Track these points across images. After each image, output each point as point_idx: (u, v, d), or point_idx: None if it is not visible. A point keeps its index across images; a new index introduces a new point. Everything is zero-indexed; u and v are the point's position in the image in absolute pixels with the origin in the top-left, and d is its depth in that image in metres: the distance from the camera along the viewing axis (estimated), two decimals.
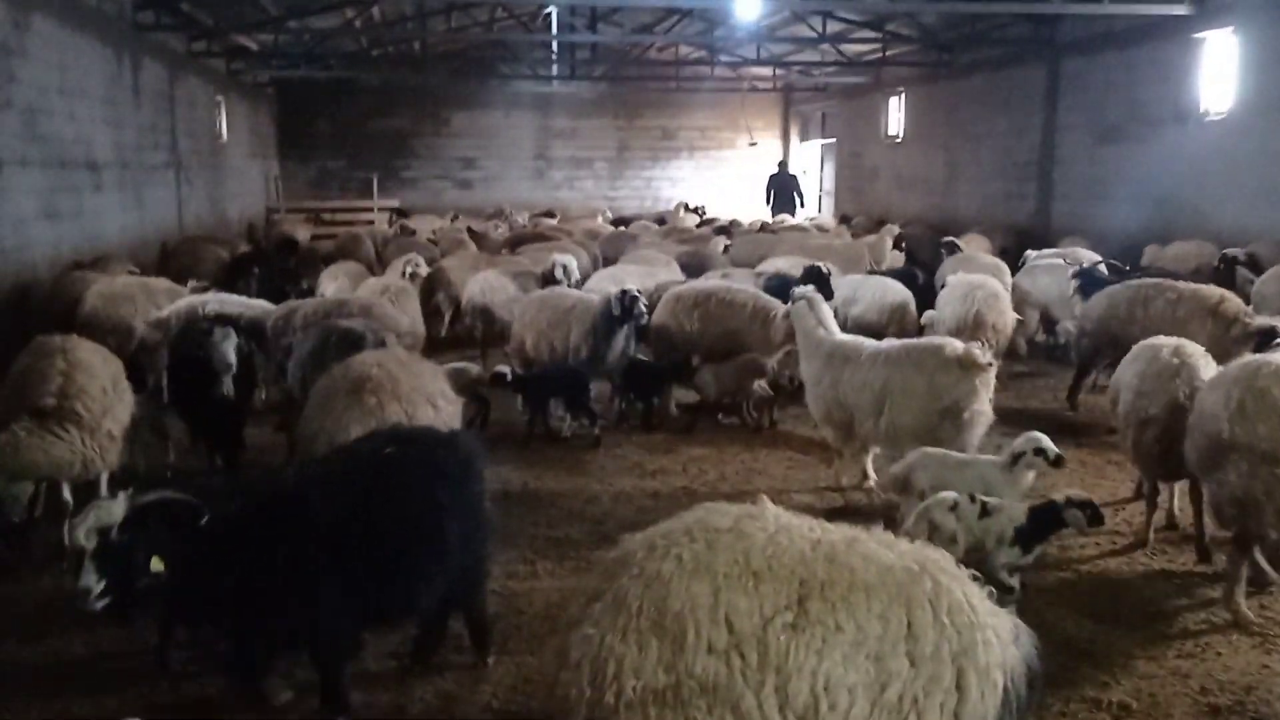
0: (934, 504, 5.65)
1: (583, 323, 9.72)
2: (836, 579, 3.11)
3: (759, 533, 3.26)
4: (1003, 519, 5.53)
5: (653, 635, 3.02)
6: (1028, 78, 20.07)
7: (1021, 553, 5.51)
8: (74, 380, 6.45)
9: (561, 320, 9.92)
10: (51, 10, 13.43)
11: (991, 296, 10.75)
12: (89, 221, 14.55)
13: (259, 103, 28.93)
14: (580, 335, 9.71)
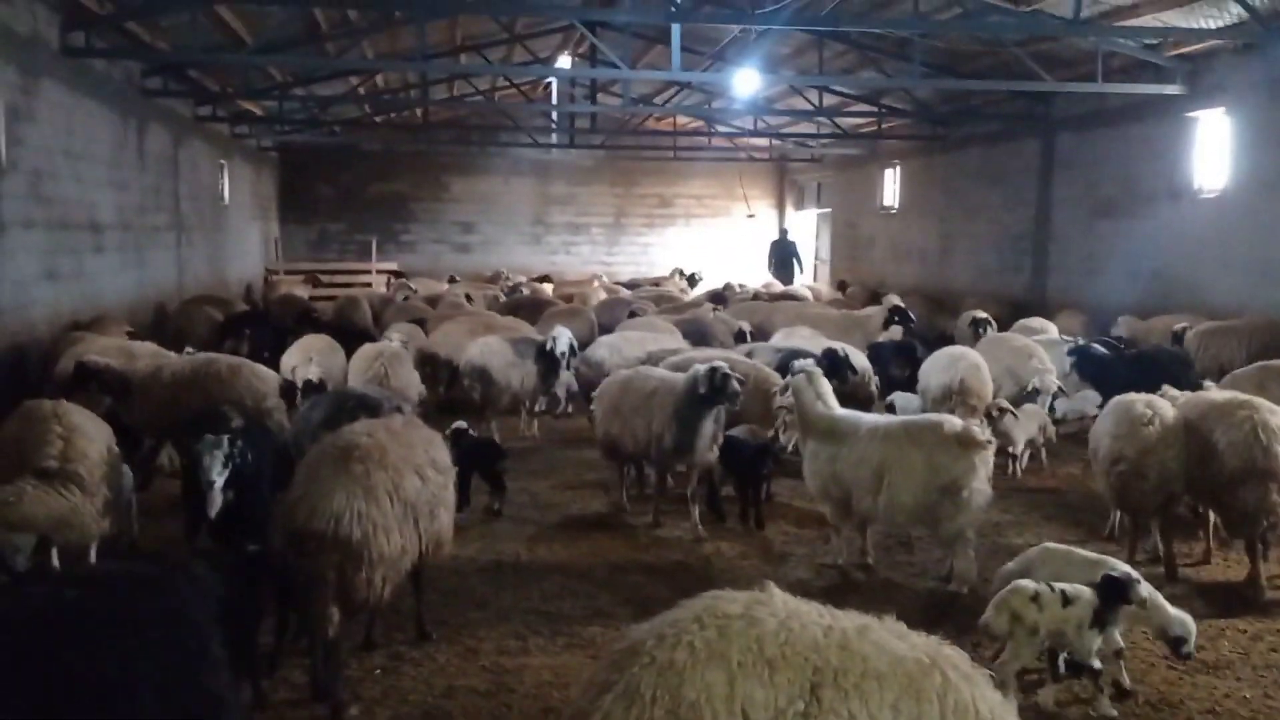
0: (1015, 593, 5.56)
1: (665, 407, 8.65)
2: (849, 667, 3.08)
3: (770, 619, 3.22)
4: (1083, 606, 5.46)
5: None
6: (1022, 152, 20.35)
7: (1099, 633, 5.48)
8: (74, 444, 6.53)
9: (643, 405, 8.86)
10: (60, 76, 13.61)
11: (973, 366, 11.26)
12: (89, 282, 14.60)
13: (262, 166, 29.22)
14: (663, 422, 8.62)
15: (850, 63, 20.47)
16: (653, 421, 8.70)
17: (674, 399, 8.64)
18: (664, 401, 8.70)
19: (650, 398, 8.85)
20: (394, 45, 21.02)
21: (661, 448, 8.67)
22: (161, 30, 16.11)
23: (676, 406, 8.58)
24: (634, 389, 9.11)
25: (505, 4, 17.96)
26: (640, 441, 8.85)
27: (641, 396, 8.93)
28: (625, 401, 9.05)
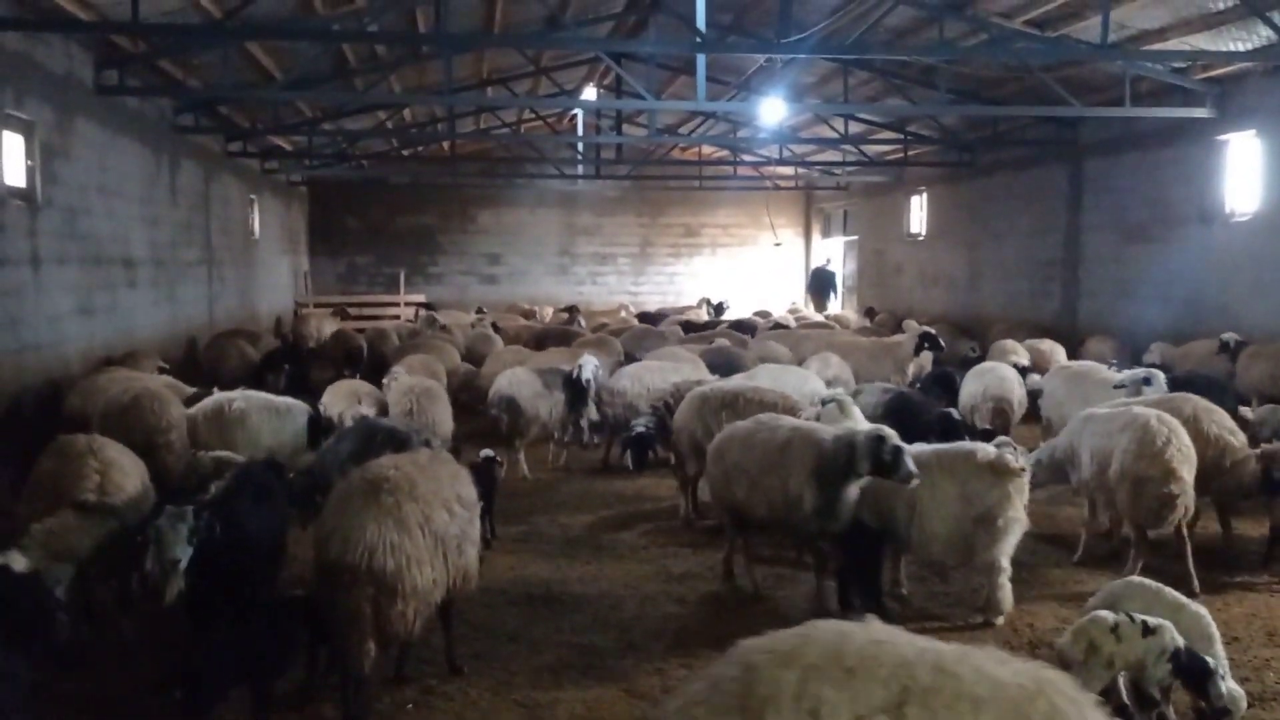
0: (1094, 623, 5.44)
1: (804, 465, 7.32)
2: (942, 687, 2.88)
3: (859, 633, 3.13)
4: (1166, 637, 5.34)
5: (736, 714, 2.95)
6: (1051, 177, 20.25)
7: (1170, 675, 5.35)
8: (111, 478, 6.61)
9: (776, 462, 7.49)
10: (95, 114, 13.83)
11: (999, 379, 12.39)
12: (122, 317, 14.77)
13: (291, 200, 29.55)
14: (800, 482, 7.29)
15: (875, 90, 20.49)
16: (788, 480, 7.36)
17: (813, 456, 7.33)
18: (802, 456, 7.36)
19: (784, 451, 7.49)
20: (421, 79, 21.25)
21: (799, 511, 7.32)
22: (193, 68, 16.36)
23: (822, 465, 7.27)
24: (760, 442, 7.71)
25: (531, 38, 18.17)
26: (774, 504, 7.50)
27: (772, 451, 7.57)
28: (752, 458, 7.67)
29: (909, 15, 15.54)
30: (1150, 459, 7.84)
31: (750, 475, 7.65)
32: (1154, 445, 7.84)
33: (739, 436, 7.95)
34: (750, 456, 7.68)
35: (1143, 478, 7.85)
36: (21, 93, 11.64)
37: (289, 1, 14.03)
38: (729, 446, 7.97)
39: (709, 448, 8.30)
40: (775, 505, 7.48)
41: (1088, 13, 13.88)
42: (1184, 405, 8.76)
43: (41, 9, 11.53)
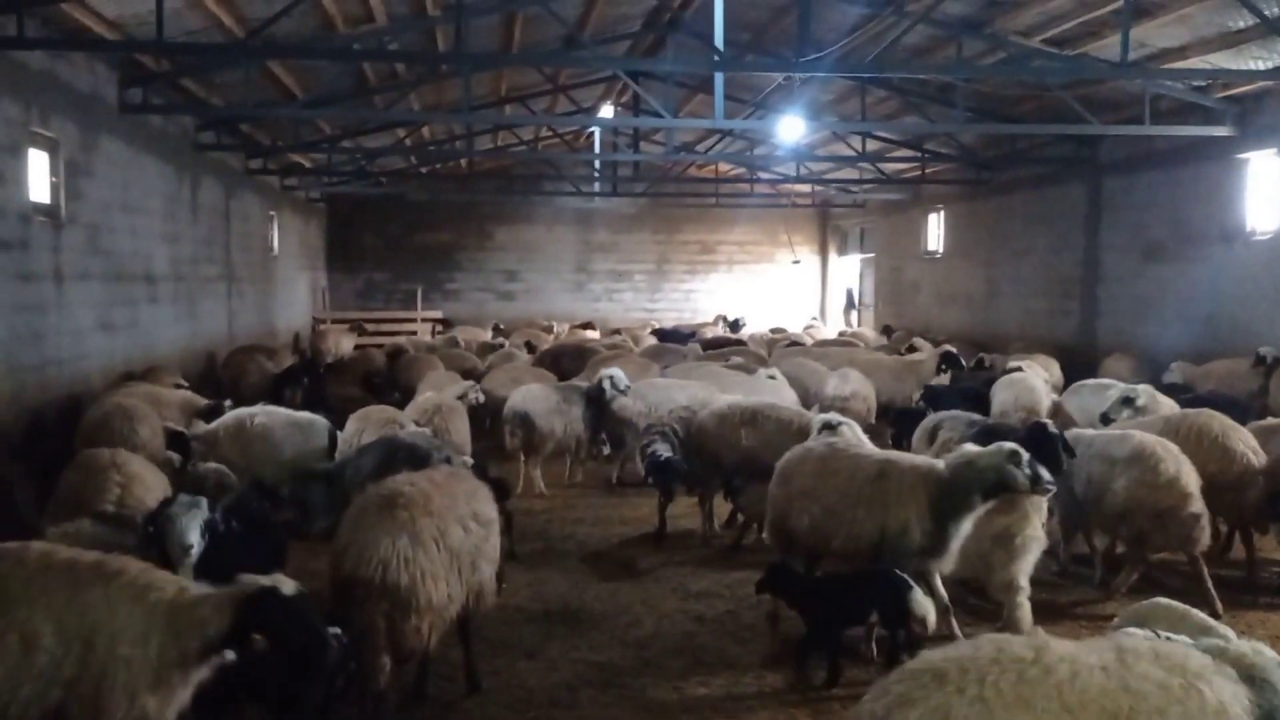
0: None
1: (915, 496, 6.80)
2: (1138, 707, 3.40)
3: (1062, 665, 3.50)
4: None
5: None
6: (1069, 195, 20.19)
7: None
8: (132, 491, 6.68)
9: (868, 495, 6.96)
10: (119, 132, 13.97)
11: (1029, 389, 12.73)
12: (143, 333, 14.87)
13: (310, 217, 29.73)
14: (915, 514, 6.78)
15: (893, 108, 20.50)
16: (888, 514, 6.86)
17: (933, 485, 6.82)
18: (913, 487, 6.86)
19: (880, 482, 6.97)
20: (440, 97, 21.38)
21: (904, 547, 6.81)
22: (215, 86, 16.52)
23: (940, 496, 6.78)
24: (843, 470, 7.19)
25: (550, 56, 18.28)
26: (857, 537, 6.99)
27: (863, 481, 7.03)
28: (829, 485, 7.17)
29: (927, 34, 15.56)
30: (1166, 489, 7.81)
31: (825, 505, 7.13)
32: (1166, 475, 7.85)
33: (810, 463, 7.42)
34: (828, 485, 7.16)
35: (1163, 510, 7.82)
36: (47, 111, 11.77)
37: (310, 21, 14.15)
38: (796, 471, 7.46)
39: (776, 469, 7.72)
40: (861, 538, 6.94)
41: (1107, 31, 13.87)
42: (1211, 421, 8.72)
43: (68, 29, 11.66)
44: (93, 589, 4.52)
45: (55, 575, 4.58)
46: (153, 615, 4.47)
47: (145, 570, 4.74)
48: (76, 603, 4.48)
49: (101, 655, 4.40)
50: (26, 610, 4.46)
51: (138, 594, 4.53)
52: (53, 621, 4.43)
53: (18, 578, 4.58)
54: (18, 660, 4.38)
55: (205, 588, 4.67)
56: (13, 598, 4.51)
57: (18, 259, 10.98)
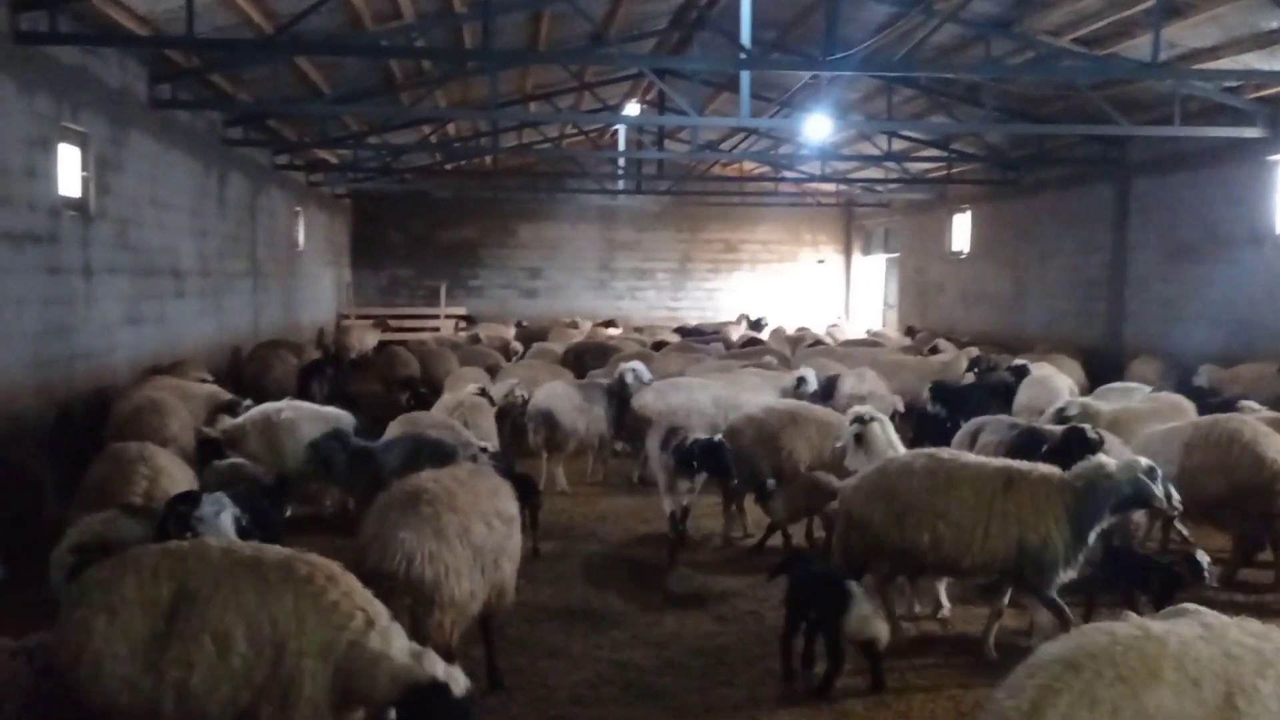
0: None
1: (1052, 507, 6.57)
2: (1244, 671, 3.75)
3: (1169, 638, 3.87)
4: None
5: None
6: (1097, 196, 20.03)
7: None
8: (159, 484, 6.72)
9: (996, 507, 6.64)
10: (148, 127, 14.08)
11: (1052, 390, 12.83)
12: (170, 327, 14.99)
13: (335, 213, 29.88)
14: (1048, 527, 6.56)
15: (920, 108, 20.39)
16: (1026, 527, 6.56)
17: (1069, 496, 6.57)
18: (1049, 498, 6.58)
19: (1011, 494, 6.64)
20: (466, 94, 21.43)
21: (1047, 561, 6.55)
22: (243, 82, 16.61)
23: (1075, 506, 6.54)
24: (964, 481, 6.77)
25: (576, 54, 18.26)
26: (991, 553, 6.65)
27: (991, 493, 6.67)
28: (951, 499, 6.73)
29: (955, 33, 15.46)
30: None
31: (950, 520, 6.69)
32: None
33: (918, 475, 6.91)
34: (950, 499, 6.73)
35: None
36: (78, 106, 11.88)
37: (338, 17, 14.21)
38: (901, 486, 6.91)
39: (856, 487, 7.24)
40: (996, 554, 6.63)
41: (1137, 31, 13.74)
42: (1242, 427, 8.62)
43: (99, 24, 11.76)
44: (283, 595, 4.49)
45: (243, 575, 4.56)
46: (335, 643, 4.41)
47: (332, 581, 4.62)
48: (267, 607, 4.46)
49: (290, 665, 4.39)
50: (219, 611, 4.45)
51: (325, 613, 4.47)
52: (244, 623, 4.43)
53: (206, 577, 4.56)
54: (214, 660, 4.40)
55: (390, 639, 4.48)
56: (205, 597, 4.49)
57: (48, 253, 11.09)
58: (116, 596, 4.55)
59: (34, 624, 5.09)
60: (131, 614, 4.51)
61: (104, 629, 4.49)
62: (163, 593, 4.55)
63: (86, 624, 4.53)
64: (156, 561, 4.67)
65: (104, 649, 4.47)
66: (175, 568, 4.63)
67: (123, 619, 4.50)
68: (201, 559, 4.68)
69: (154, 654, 4.45)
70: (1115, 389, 13.22)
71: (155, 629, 4.49)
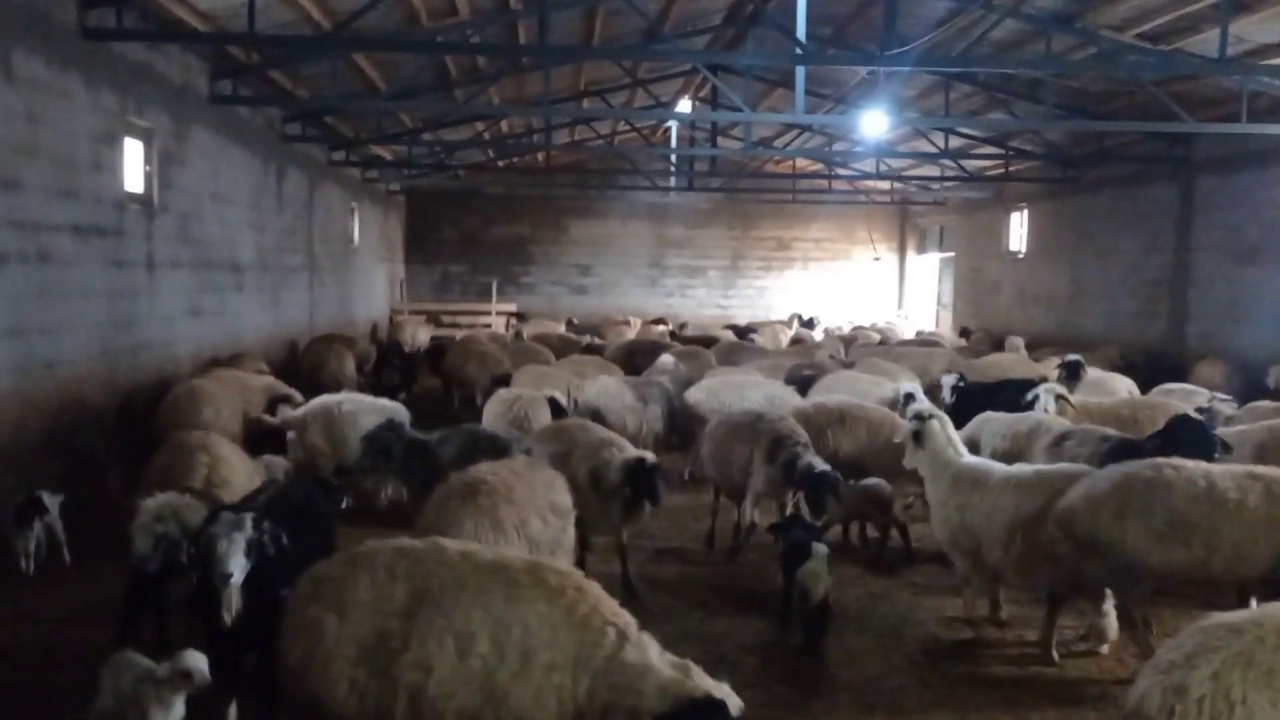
0: None
1: None
2: None
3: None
4: None
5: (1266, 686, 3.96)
6: (1160, 195, 19.64)
7: None
8: (219, 471, 6.85)
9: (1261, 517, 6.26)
10: (209, 123, 14.32)
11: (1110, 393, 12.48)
12: (229, 320, 15.24)
13: (389, 209, 30.18)
14: None
15: (977, 104, 20.13)
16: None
17: None
18: None
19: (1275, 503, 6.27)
20: (520, 91, 21.53)
21: None
22: (302, 79, 16.82)
23: None
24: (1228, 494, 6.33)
25: (630, 50, 18.27)
26: (1257, 565, 6.30)
27: (1256, 504, 6.27)
28: (1220, 515, 6.30)
29: (1015, 28, 15.23)
30: None
31: (1222, 537, 6.26)
32: None
33: (1175, 490, 6.43)
34: (1217, 515, 6.29)
35: None
36: (143, 101, 12.10)
37: (395, 14, 14.33)
38: (1155, 502, 6.41)
39: (1091, 508, 6.65)
40: (1258, 566, 6.27)
41: (1204, 26, 13.43)
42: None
43: (163, 21, 11.97)
44: (533, 602, 4.32)
45: (488, 577, 4.41)
46: (589, 659, 4.22)
47: (581, 593, 4.43)
48: (516, 613, 4.29)
49: (538, 676, 4.20)
50: (463, 613, 4.30)
51: (578, 626, 4.29)
52: (489, 627, 4.27)
53: (449, 578, 4.42)
54: (454, 663, 4.23)
55: (646, 649, 4.31)
56: (447, 598, 4.34)
57: (113, 246, 11.31)
58: (349, 595, 4.41)
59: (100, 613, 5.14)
60: (364, 614, 4.36)
61: (335, 629, 4.35)
62: (398, 593, 4.40)
63: (319, 623, 4.39)
64: (391, 560, 4.53)
65: (335, 650, 4.32)
66: (412, 568, 4.48)
67: (355, 619, 4.35)
68: (440, 559, 4.53)
69: (386, 657, 4.29)
70: (1176, 391, 12.94)
71: (388, 630, 4.33)
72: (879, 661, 6.96)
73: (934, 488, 7.75)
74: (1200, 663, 4.03)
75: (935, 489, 7.73)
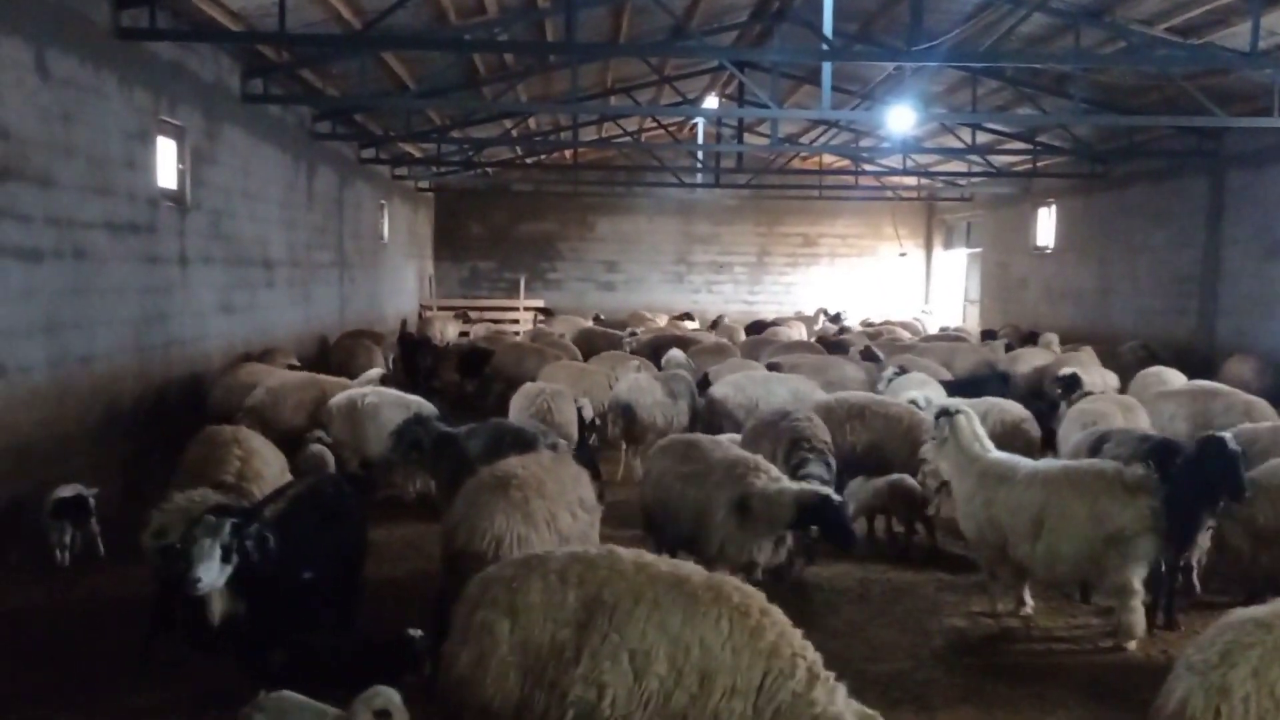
0: None
1: None
2: None
3: None
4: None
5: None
6: (1190, 190, 19.46)
7: None
8: (251, 465, 6.94)
9: None
10: (240, 120, 14.49)
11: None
12: (260, 315, 15.41)
13: (419, 206, 30.37)
14: None
15: (1005, 100, 20.01)
16: None
17: None
18: None
19: None
20: (547, 88, 21.62)
21: None
22: (332, 77, 16.98)
23: None
24: None
25: (657, 47, 18.31)
26: None
27: None
28: None
29: (1043, 23, 15.13)
30: None
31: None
32: None
33: None
34: None
35: None
36: (175, 100, 12.27)
37: (424, 13, 14.45)
38: None
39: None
40: None
41: (1235, 19, 13.31)
42: None
43: (195, 21, 12.13)
44: (717, 621, 4.12)
45: (666, 591, 4.21)
46: (774, 692, 4.03)
47: (767, 616, 4.23)
48: (696, 633, 4.09)
49: (715, 701, 4.01)
50: (640, 628, 4.10)
51: (765, 654, 4.08)
52: (667, 643, 4.08)
53: (623, 589, 4.24)
54: (630, 685, 4.04)
55: (836, 694, 4.14)
56: (624, 612, 4.15)
57: (146, 242, 11.48)
58: (520, 598, 4.24)
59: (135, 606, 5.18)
60: (534, 620, 4.18)
61: (507, 634, 4.17)
62: (569, 599, 4.23)
63: (490, 628, 4.21)
64: (564, 565, 4.36)
65: (509, 656, 4.14)
66: (585, 574, 4.31)
67: (524, 624, 4.18)
68: (614, 568, 4.34)
69: (555, 668, 4.12)
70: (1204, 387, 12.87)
71: (558, 639, 4.16)
72: (905, 655, 6.98)
73: (960, 483, 7.78)
74: (1239, 660, 4.03)
75: (962, 484, 7.75)
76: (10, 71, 8.75)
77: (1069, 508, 7.05)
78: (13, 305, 8.80)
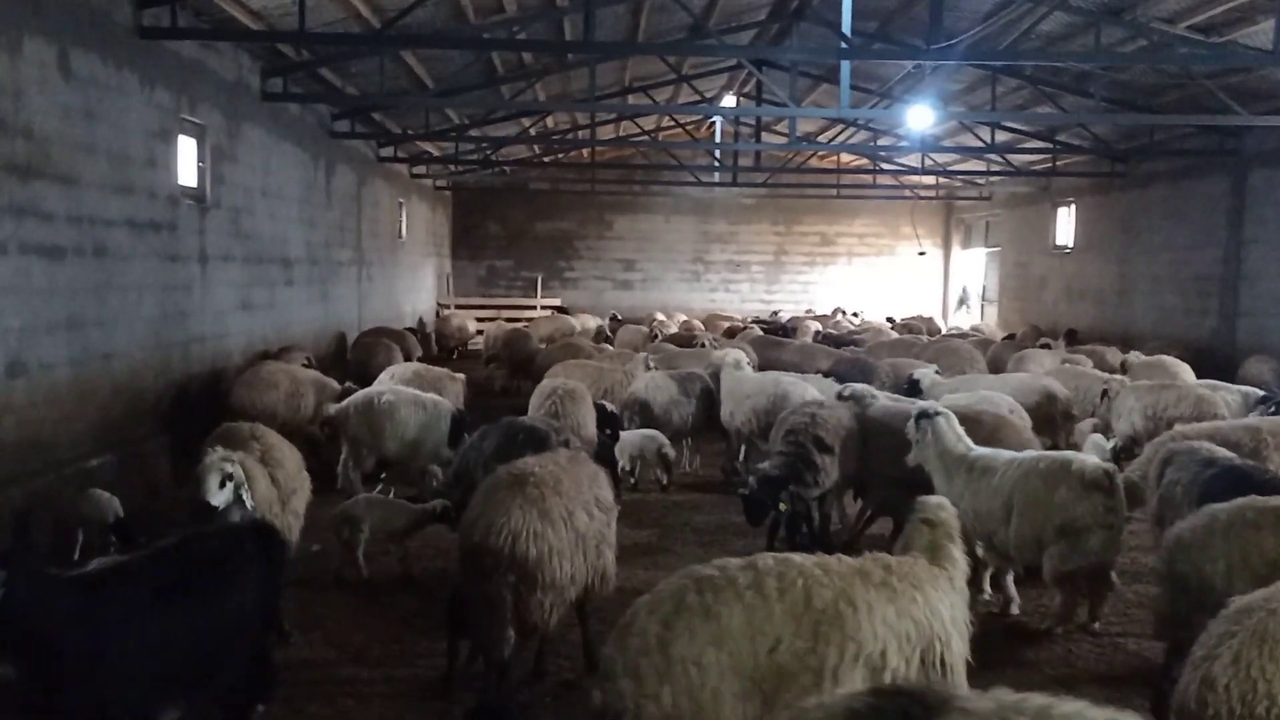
0: None
1: None
2: None
3: None
4: None
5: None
6: (1211, 189, 19.33)
7: None
8: (271, 456, 6.93)
9: None
10: (260, 119, 14.57)
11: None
12: (279, 313, 15.50)
13: (436, 204, 30.46)
14: None
15: (1024, 98, 19.92)
16: None
17: None
18: None
19: None
20: (565, 87, 21.65)
21: None
22: (351, 76, 17.05)
23: None
24: None
25: (675, 45, 18.30)
26: None
27: None
28: None
29: (1063, 21, 15.06)
30: None
31: None
32: None
33: None
34: None
35: None
36: (196, 99, 12.35)
37: (442, 12, 14.50)
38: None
39: None
40: None
41: (1258, 17, 13.22)
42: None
43: (216, 20, 12.21)
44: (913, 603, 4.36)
45: (861, 586, 4.28)
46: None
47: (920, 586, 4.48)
48: (910, 617, 4.32)
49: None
50: (868, 628, 4.18)
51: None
52: (894, 639, 4.24)
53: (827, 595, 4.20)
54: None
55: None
56: (833, 614, 4.15)
57: (167, 240, 11.56)
58: (721, 624, 4.07)
59: None
60: (742, 643, 4.04)
61: (716, 663, 3.99)
62: (775, 613, 4.12)
63: (697, 660, 3.99)
64: (753, 580, 4.24)
65: (722, 686, 3.96)
66: (782, 586, 4.21)
67: (732, 650, 4.01)
68: (803, 573, 4.29)
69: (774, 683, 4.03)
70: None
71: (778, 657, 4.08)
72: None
73: (946, 481, 7.84)
74: (1222, 651, 4.07)
75: (948, 483, 7.79)
76: (34, 71, 8.83)
77: (1033, 493, 7.19)
78: (35, 303, 8.88)
